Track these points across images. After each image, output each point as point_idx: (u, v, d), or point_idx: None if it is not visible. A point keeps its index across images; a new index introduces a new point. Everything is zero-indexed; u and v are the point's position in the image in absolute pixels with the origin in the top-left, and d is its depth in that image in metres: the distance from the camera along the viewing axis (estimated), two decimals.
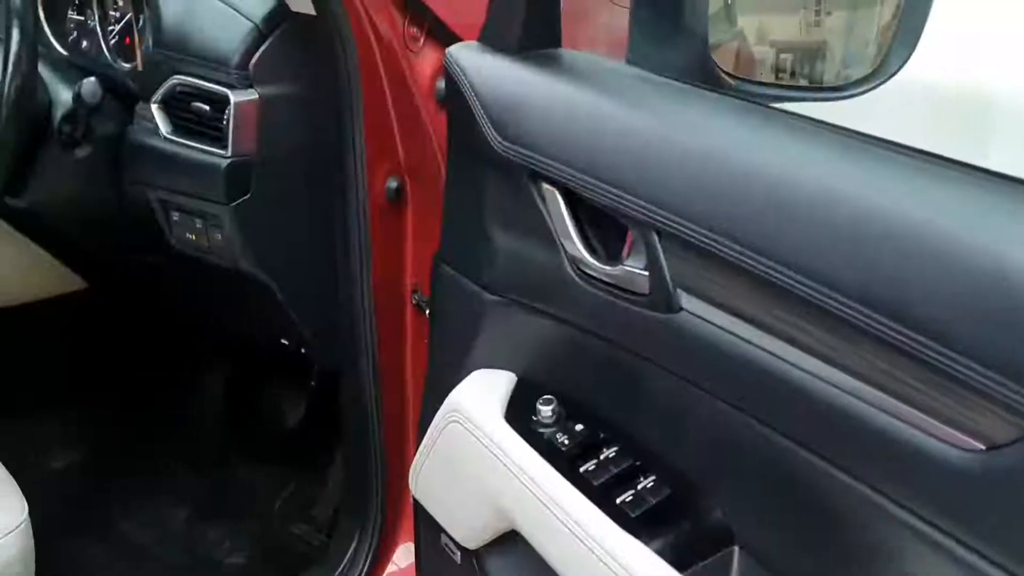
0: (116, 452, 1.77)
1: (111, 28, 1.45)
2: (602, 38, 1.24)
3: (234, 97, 1.16)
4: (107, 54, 1.44)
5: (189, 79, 1.20)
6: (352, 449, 1.37)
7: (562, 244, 0.85)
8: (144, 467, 1.75)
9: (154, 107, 1.24)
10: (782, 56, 1.13)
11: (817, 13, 1.13)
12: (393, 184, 1.22)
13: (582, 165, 0.81)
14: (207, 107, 1.19)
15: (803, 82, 1.14)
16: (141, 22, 1.41)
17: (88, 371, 1.76)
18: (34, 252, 1.65)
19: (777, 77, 1.15)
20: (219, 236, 1.23)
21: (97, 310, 1.75)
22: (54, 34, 1.53)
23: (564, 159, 0.82)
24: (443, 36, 1.18)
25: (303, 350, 1.45)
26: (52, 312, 1.70)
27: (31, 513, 1.09)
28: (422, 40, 1.17)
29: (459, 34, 1.17)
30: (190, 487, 1.75)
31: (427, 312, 1.25)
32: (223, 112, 1.18)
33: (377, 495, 1.33)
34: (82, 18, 1.47)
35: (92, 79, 1.22)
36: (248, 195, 1.20)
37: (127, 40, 1.43)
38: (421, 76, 1.17)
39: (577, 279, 0.84)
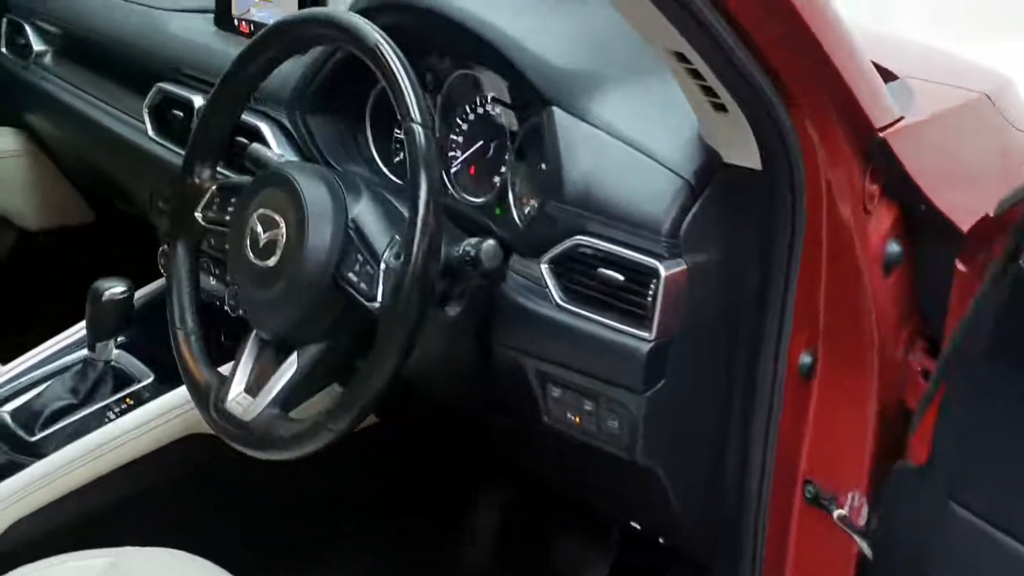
0: None
1: (453, 155, 1.29)
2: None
3: (664, 270, 0.97)
4: (448, 184, 1.28)
5: (597, 242, 1.01)
6: None
7: None
8: None
9: (544, 267, 1.05)
10: None
11: None
12: (807, 359, 1.03)
13: None
14: (620, 276, 1.00)
15: None
16: (491, 152, 1.25)
17: (372, 500, 1.62)
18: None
19: None
20: (614, 423, 1.03)
21: (386, 440, 1.60)
22: (380, 155, 1.38)
23: None
24: (902, 192, 0.99)
25: (662, 539, 1.24)
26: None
27: None
28: (877, 197, 0.98)
29: (926, 191, 0.99)
30: None
31: (831, 511, 1.05)
32: (642, 284, 0.98)
33: None
34: None
35: (493, 242, 1.02)
36: (663, 380, 1.00)
37: (472, 170, 1.27)
38: (872, 237, 0.98)
39: None
